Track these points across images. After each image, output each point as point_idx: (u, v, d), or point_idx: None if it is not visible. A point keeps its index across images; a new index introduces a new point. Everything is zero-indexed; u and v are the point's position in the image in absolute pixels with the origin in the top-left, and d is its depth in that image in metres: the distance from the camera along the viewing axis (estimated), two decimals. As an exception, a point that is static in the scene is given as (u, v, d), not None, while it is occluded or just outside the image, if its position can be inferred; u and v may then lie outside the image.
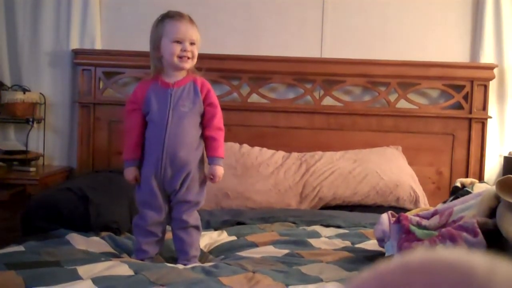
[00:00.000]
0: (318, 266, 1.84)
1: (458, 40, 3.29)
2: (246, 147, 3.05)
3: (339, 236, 2.28)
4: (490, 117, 3.20)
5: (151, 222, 1.99)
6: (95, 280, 1.60)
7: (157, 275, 1.67)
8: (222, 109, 3.14)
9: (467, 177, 3.04)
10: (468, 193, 1.94)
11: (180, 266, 1.85)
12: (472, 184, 2.07)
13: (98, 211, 2.22)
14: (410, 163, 3.07)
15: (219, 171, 1.99)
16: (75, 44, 3.22)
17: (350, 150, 3.09)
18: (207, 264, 1.90)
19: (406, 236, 1.68)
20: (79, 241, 2.06)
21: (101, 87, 3.25)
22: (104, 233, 2.18)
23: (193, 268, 1.82)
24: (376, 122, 3.22)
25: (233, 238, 2.27)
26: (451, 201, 1.94)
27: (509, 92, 3.23)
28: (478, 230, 1.54)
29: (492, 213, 1.62)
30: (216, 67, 3.15)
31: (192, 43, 1.96)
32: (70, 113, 3.26)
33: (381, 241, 1.93)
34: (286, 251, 2.02)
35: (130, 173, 2.00)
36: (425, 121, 3.21)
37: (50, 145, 3.25)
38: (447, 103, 3.23)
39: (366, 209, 2.80)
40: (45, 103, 3.20)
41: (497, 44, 3.21)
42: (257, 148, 3.06)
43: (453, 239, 1.57)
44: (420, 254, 0.46)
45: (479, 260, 0.43)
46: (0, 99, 3.09)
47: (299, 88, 3.25)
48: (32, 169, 2.94)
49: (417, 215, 1.81)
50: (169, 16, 1.98)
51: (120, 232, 2.24)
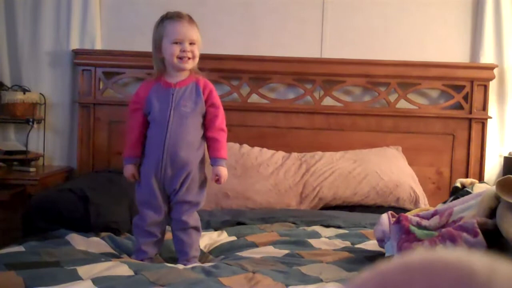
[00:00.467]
0: (318, 267, 1.84)
1: (458, 40, 3.29)
2: (246, 147, 3.05)
3: (339, 236, 2.28)
4: (490, 117, 3.20)
5: (150, 222, 1.99)
6: (95, 281, 1.60)
7: (157, 275, 1.67)
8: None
9: (467, 177, 3.04)
10: (468, 193, 1.94)
11: (180, 267, 1.85)
12: (472, 184, 2.07)
13: (98, 212, 2.22)
14: (410, 163, 3.07)
15: (224, 171, 2.01)
16: (75, 44, 3.22)
17: (350, 150, 3.09)
18: (207, 264, 1.90)
19: (406, 237, 1.68)
20: (79, 242, 2.06)
21: (101, 87, 3.24)
22: (104, 234, 2.18)
23: (193, 268, 1.82)
24: (376, 122, 3.22)
25: (233, 238, 2.27)
26: (451, 201, 1.94)
27: (509, 92, 3.23)
28: (478, 231, 1.54)
29: (492, 213, 1.62)
30: (216, 67, 3.15)
31: (192, 43, 1.96)
32: (70, 113, 3.26)
33: (381, 242, 1.93)
34: (286, 252, 2.02)
35: (128, 170, 2.01)
36: (425, 121, 3.21)
37: (50, 145, 3.25)
38: (447, 103, 3.23)
39: (366, 210, 2.80)
40: (45, 103, 3.20)
41: (497, 44, 3.21)
42: (257, 148, 3.06)
43: (453, 240, 1.56)
44: (420, 254, 0.46)
45: (479, 261, 0.43)
46: (0, 99, 3.09)
47: (299, 88, 3.25)
48: (32, 169, 2.94)
49: (417, 216, 1.81)
50: (168, 17, 1.98)
51: (120, 233, 2.24)
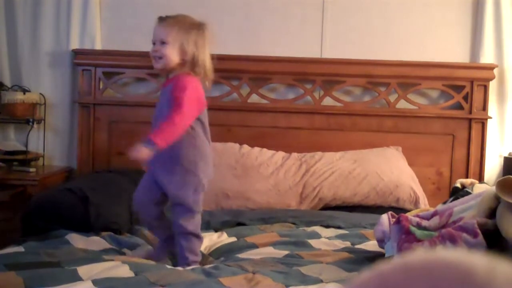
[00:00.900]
0: (318, 267, 1.84)
1: (458, 40, 3.29)
2: (246, 147, 3.05)
3: (339, 236, 2.28)
4: (490, 118, 3.20)
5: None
6: (95, 281, 1.60)
7: (157, 276, 1.67)
8: (222, 109, 3.18)
9: (467, 177, 3.04)
10: (468, 193, 1.93)
11: (180, 268, 1.85)
12: (472, 184, 2.07)
13: (98, 212, 2.22)
14: (410, 164, 3.06)
15: (141, 150, 1.78)
16: (75, 44, 3.22)
17: (350, 150, 3.08)
18: (207, 266, 1.90)
19: (406, 237, 1.68)
20: (79, 242, 2.06)
21: (101, 87, 3.24)
22: (104, 233, 2.18)
23: (193, 269, 1.82)
24: (376, 122, 3.22)
25: (233, 239, 2.27)
26: (451, 201, 1.94)
27: (509, 92, 3.23)
28: (478, 231, 1.54)
29: (492, 213, 1.62)
30: (216, 67, 3.13)
31: (163, 43, 1.95)
32: (70, 114, 3.26)
33: (381, 242, 1.93)
34: (286, 252, 2.02)
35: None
36: (425, 121, 3.21)
37: (50, 145, 3.25)
38: (447, 103, 3.23)
39: (366, 210, 2.80)
40: (45, 103, 3.20)
41: (497, 44, 3.21)
42: (257, 149, 3.05)
43: (453, 240, 1.56)
44: (420, 254, 0.46)
45: (479, 261, 0.43)
46: (0, 99, 3.09)
47: (299, 88, 3.25)
48: (32, 169, 2.94)
49: (417, 216, 1.81)
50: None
51: (120, 233, 2.24)
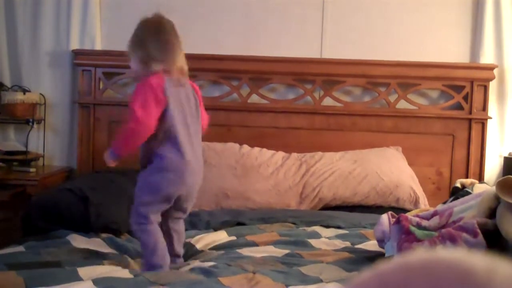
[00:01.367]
0: (318, 267, 1.84)
1: (458, 41, 3.29)
2: (246, 147, 3.05)
3: (339, 236, 2.28)
4: (490, 118, 3.20)
5: None
6: (95, 281, 1.60)
7: (156, 276, 1.67)
8: (222, 109, 3.18)
9: (467, 177, 3.04)
10: (468, 193, 1.94)
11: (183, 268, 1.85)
12: (472, 184, 2.07)
13: (98, 212, 2.22)
14: (410, 164, 3.06)
15: (105, 158, 1.94)
16: (75, 45, 3.22)
17: (350, 150, 3.08)
18: (206, 264, 1.90)
19: (406, 237, 1.68)
20: (79, 242, 2.06)
21: (101, 87, 3.24)
22: (104, 235, 2.18)
23: (192, 269, 1.82)
24: (376, 122, 3.22)
25: (233, 238, 2.27)
26: (451, 201, 1.94)
27: (509, 92, 3.23)
28: (478, 231, 1.54)
29: (492, 213, 1.62)
30: (216, 67, 3.15)
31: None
32: (70, 114, 3.26)
33: (381, 242, 1.93)
34: (286, 252, 2.02)
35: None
36: (425, 121, 3.21)
37: (50, 145, 3.25)
38: (447, 103, 3.23)
39: (366, 210, 2.80)
40: (45, 103, 3.20)
41: (497, 44, 3.21)
42: (257, 149, 3.05)
43: (453, 240, 1.57)
44: (420, 254, 0.46)
45: (479, 261, 0.43)
46: (0, 99, 3.09)
47: (299, 88, 3.25)
48: (32, 169, 2.94)
49: (417, 216, 1.81)
50: None
51: (120, 233, 2.24)
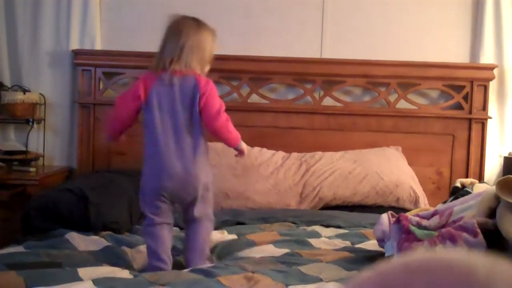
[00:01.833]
0: (318, 266, 1.84)
1: (458, 41, 3.29)
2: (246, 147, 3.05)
3: (339, 236, 2.28)
4: (490, 118, 3.20)
5: None
6: (95, 281, 1.60)
7: (156, 276, 1.67)
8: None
9: (467, 177, 3.04)
10: (468, 193, 1.93)
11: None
12: (472, 184, 2.07)
13: (98, 212, 2.22)
14: (410, 164, 3.06)
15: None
16: (75, 45, 3.22)
17: (350, 150, 3.08)
18: (206, 265, 1.90)
19: (406, 236, 1.68)
20: (79, 241, 2.06)
21: (101, 87, 3.24)
22: (104, 233, 2.18)
23: (192, 269, 1.82)
24: (376, 122, 3.22)
25: (233, 237, 2.27)
26: (451, 201, 1.94)
27: (509, 92, 3.23)
28: (478, 231, 1.54)
29: (492, 213, 1.62)
30: (216, 67, 3.13)
31: None
32: (70, 114, 3.26)
33: (381, 241, 1.93)
34: (285, 251, 2.02)
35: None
36: (425, 121, 3.21)
37: (50, 145, 3.25)
38: (447, 103, 3.23)
39: (366, 209, 2.80)
40: (45, 103, 3.20)
41: (497, 44, 3.21)
42: (257, 149, 3.05)
43: (453, 240, 1.56)
44: (420, 254, 0.46)
45: (479, 261, 0.43)
46: (0, 99, 3.09)
47: (299, 88, 3.25)
48: (32, 169, 2.94)
49: (417, 215, 1.81)
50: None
51: (120, 233, 2.24)
